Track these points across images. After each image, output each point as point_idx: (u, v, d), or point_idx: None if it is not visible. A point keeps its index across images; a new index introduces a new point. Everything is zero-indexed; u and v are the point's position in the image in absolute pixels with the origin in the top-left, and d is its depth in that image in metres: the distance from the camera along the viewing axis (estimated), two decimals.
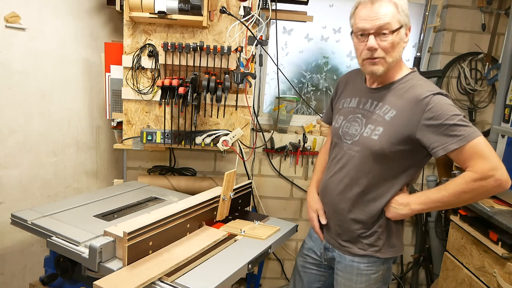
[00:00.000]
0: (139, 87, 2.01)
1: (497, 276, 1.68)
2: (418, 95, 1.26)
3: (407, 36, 1.30)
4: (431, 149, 1.25)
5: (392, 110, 1.31)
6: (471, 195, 1.23)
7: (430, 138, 1.23)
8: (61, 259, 1.41)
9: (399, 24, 1.25)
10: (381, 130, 1.31)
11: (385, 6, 1.24)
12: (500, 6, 2.38)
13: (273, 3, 2.06)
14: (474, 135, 1.19)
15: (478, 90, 2.48)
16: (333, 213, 1.48)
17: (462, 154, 1.21)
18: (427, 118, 1.23)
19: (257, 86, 2.49)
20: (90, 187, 2.35)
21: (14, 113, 1.93)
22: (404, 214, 1.35)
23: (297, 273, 1.67)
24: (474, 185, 1.20)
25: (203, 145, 2.01)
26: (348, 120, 1.43)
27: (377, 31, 1.24)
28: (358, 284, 1.45)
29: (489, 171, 1.17)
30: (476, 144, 1.19)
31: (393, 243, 1.44)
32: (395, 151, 1.30)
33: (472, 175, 1.20)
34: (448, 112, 1.21)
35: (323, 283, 1.64)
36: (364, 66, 1.33)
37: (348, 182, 1.41)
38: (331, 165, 1.49)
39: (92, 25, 2.23)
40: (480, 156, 1.19)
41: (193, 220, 1.49)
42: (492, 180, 1.18)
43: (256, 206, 2.46)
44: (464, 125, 1.20)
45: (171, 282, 1.16)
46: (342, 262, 1.48)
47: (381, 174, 1.36)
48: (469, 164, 1.21)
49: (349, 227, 1.43)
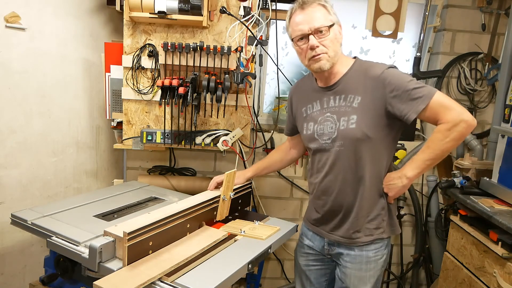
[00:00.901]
0: (139, 87, 2.01)
1: (497, 276, 1.68)
2: (374, 74, 1.39)
3: (340, 33, 1.44)
4: (403, 116, 1.36)
5: (357, 97, 1.41)
6: (452, 143, 1.35)
7: (399, 107, 1.35)
8: (61, 259, 1.41)
9: (331, 21, 1.39)
10: (356, 118, 1.40)
11: (315, 9, 1.38)
12: (500, 6, 2.38)
13: (273, 3, 2.06)
14: (433, 91, 1.34)
15: (478, 90, 2.48)
16: (338, 210, 1.50)
17: (430, 111, 1.34)
18: (390, 91, 1.36)
19: (257, 86, 2.49)
20: (90, 187, 2.35)
21: (14, 113, 1.93)
22: (404, 185, 1.43)
23: (302, 273, 1.68)
24: (451, 133, 1.33)
25: (203, 145, 2.01)
26: (319, 122, 1.49)
27: (315, 31, 1.37)
28: (367, 272, 1.51)
29: (458, 117, 1.31)
30: (438, 98, 1.33)
31: (393, 222, 1.53)
32: (375, 131, 1.40)
33: (445, 126, 1.33)
34: (405, 79, 1.35)
35: (329, 276, 1.66)
36: (311, 65, 1.42)
37: (345, 176, 1.45)
38: (319, 169, 1.53)
39: (92, 25, 2.23)
40: (445, 108, 1.33)
41: (193, 220, 1.49)
42: (463, 123, 1.31)
43: (256, 206, 2.46)
44: (421, 86, 1.34)
45: (171, 282, 1.16)
46: (350, 254, 1.52)
47: (371, 157, 1.43)
48: (439, 118, 1.34)
49: (357, 218, 1.47)
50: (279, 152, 1.81)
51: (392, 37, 2.38)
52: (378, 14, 2.34)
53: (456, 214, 2.04)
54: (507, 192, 1.87)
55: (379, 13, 2.33)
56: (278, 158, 1.80)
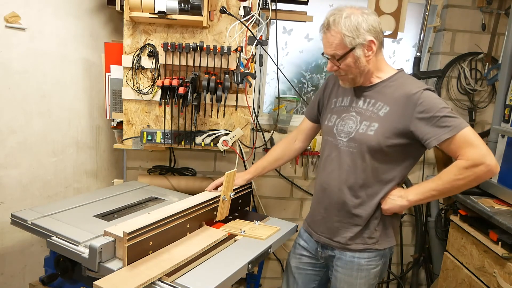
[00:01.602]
0: (139, 87, 2.01)
1: (497, 276, 1.68)
2: (409, 91, 1.34)
3: (369, 50, 1.36)
4: (425, 141, 1.31)
5: (385, 107, 1.39)
6: (464, 182, 1.29)
7: (423, 130, 1.31)
8: (61, 259, 1.41)
9: (349, 46, 1.34)
10: (377, 126, 1.37)
11: (333, 36, 1.35)
12: (500, 6, 2.38)
13: (273, 3, 2.06)
14: (463, 125, 1.27)
15: (478, 90, 2.48)
16: (334, 209, 1.49)
17: (453, 143, 1.28)
18: (419, 112, 1.31)
19: (257, 86, 2.49)
20: (90, 187, 2.35)
21: (14, 113, 1.93)
22: (402, 205, 1.40)
23: (290, 274, 1.68)
24: (467, 172, 1.27)
25: (203, 145, 2.01)
26: (342, 118, 1.48)
27: (330, 56, 1.38)
28: (358, 279, 1.49)
29: (480, 158, 1.25)
30: (466, 133, 1.27)
31: (388, 233, 1.50)
32: (391, 145, 1.37)
33: (464, 163, 1.27)
34: (438, 105, 1.30)
35: (318, 282, 1.65)
36: None
37: (348, 178, 1.44)
38: (326, 163, 1.52)
39: (92, 25, 2.23)
40: (470, 145, 1.26)
41: (193, 220, 1.49)
42: (483, 166, 1.25)
43: (256, 206, 2.46)
44: (453, 117, 1.28)
45: (171, 282, 1.16)
46: (342, 258, 1.50)
47: (379, 169, 1.41)
48: (460, 153, 1.28)
49: (350, 222, 1.46)
50: (281, 147, 1.78)
51: (392, 37, 2.38)
52: (378, 14, 2.34)
53: (456, 214, 2.04)
54: (507, 192, 1.87)
55: (379, 13, 2.33)
56: (279, 155, 1.77)
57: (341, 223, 1.48)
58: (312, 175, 2.49)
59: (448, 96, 2.49)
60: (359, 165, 1.42)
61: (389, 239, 1.50)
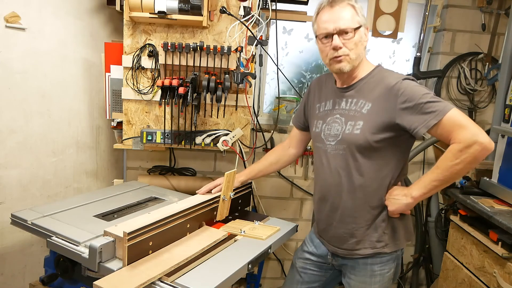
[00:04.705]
0: (139, 87, 2.01)
1: (497, 276, 1.68)
2: (388, 83, 1.34)
3: (366, 35, 1.40)
4: (413, 130, 1.29)
5: (367, 103, 1.38)
6: (462, 165, 1.25)
7: (409, 120, 1.29)
8: (61, 259, 1.41)
9: (358, 24, 1.36)
10: (362, 124, 1.37)
11: (344, 9, 1.35)
12: (500, 6, 2.38)
13: (273, 3, 2.06)
14: (448, 108, 1.25)
15: (478, 90, 2.48)
16: (335, 217, 1.48)
17: (442, 127, 1.26)
18: (402, 102, 1.29)
19: (257, 86, 2.49)
20: (90, 187, 2.35)
21: (14, 113, 1.93)
22: (407, 203, 1.37)
23: (296, 272, 1.68)
24: (462, 155, 1.23)
25: (203, 145, 2.01)
26: (328, 122, 1.47)
27: (340, 31, 1.34)
28: (372, 285, 1.47)
29: (472, 137, 1.21)
30: (452, 115, 1.24)
31: (398, 236, 1.46)
32: (379, 140, 1.35)
33: (457, 146, 1.24)
34: (419, 92, 1.28)
35: (322, 282, 1.65)
36: (331, 65, 1.41)
37: (345, 182, 1.43)
38: (320, 171, 1.52)
39: (92, 25, 2.23)
40: (459, 126, 1.23)
41: (193, 220, 1.49)
42: (477, 145, 1.21)
43: (256, 206, 2.46)
44: (436, 101, 1.27)
45: (171, 282, 1.16)
46: (355, 266, 1.49)
47: (373, 167, 1.39)
48: (452, 137, 1.25)
49: (354, 226, 1.44)
50: (276, 153, 1.79)
51: (392, 37, 2.38)
52: (378, 14, 2.34)
53: (456, 214, 2.04)
54: (507, 192, 1.87)
55: (379, 13, 2.33)
56: (274, 159, 1.77)
57: (345, 229, 1.46)
58: (312, 175, 2.49)
59: (448, 96, 2.49)
60: (352, 166, 1.40)
61: (397, 241, 1.46)
